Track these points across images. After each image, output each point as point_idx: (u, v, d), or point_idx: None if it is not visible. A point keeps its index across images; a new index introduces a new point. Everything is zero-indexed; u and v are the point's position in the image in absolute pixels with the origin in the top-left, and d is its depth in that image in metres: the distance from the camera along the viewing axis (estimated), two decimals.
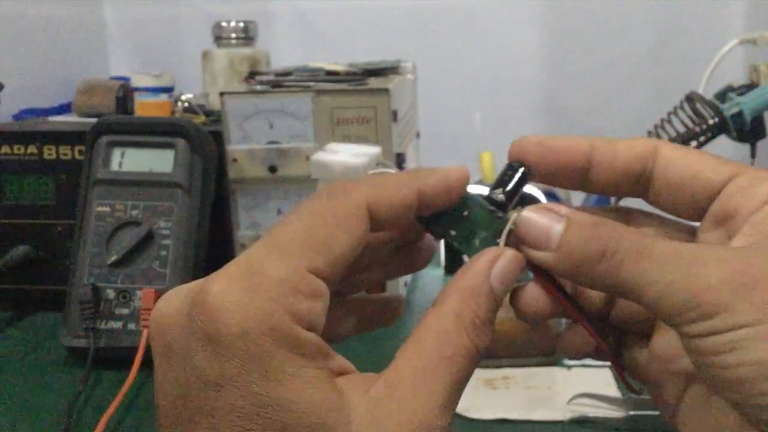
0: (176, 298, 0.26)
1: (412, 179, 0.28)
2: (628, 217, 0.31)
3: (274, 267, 0.25)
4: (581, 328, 0.30)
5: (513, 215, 0.28)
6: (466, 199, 0.29)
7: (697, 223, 0.30)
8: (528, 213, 0.28)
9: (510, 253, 0.28)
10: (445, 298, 0.27)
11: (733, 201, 0.28)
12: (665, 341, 0.29)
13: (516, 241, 0.28)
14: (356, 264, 0.27)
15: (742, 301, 0.24)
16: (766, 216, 0.27)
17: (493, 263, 0.27)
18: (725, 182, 0.29)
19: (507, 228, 0.28)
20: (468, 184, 0.29)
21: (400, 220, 0.28)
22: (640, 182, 0.30)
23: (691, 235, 0.30)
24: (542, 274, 0.29)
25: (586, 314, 0.30)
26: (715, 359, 0.24)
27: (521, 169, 0.29)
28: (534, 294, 0.29)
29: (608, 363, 0.32)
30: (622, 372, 0.31)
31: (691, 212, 0.30)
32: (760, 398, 0.24)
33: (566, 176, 0.30)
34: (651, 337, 0.30)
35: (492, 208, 0.29)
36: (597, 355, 0.31)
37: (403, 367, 0.26)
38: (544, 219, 0.27)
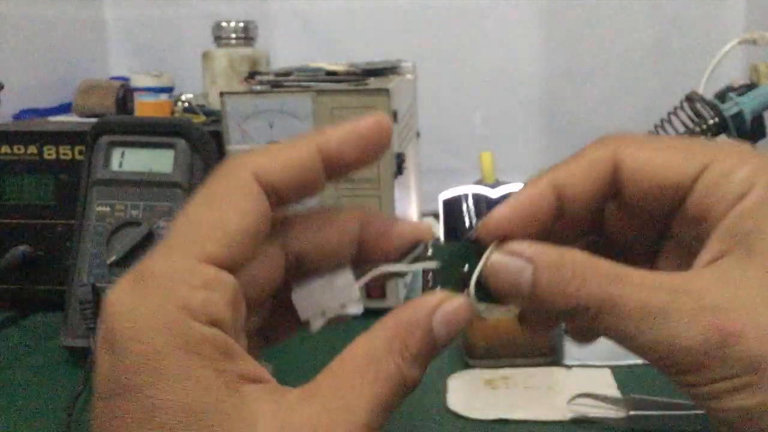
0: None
1: (309, 137, 0.27)
2: None
3: (162, 263, 0.24)
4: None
5: (480, 263, 0.27)
6: (436, 248, 0.28)
7: None
8: (495, 258, 0.26)
9: (458, 301, 0.26)
10: (379, 325, 0.26)
11: (703, 202, 0.26)
12: None
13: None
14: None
15: (713, 359, 0.24)
16: (735, 223, 0.25)
17: (438, 304, 0.26)
18: (695, 178, 0.26)
19: (474, 278, 0.27)
20: (389, 134, 0.27)
21: (305, 185, 0.27)
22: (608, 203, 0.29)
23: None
24: None
25: None
26: (702, 403, 0.25)
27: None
28: None
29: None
30: None
31: (665, 217, 0.28)
32: None
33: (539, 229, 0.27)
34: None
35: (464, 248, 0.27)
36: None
37: (324, 381, 0.24)
38: (511, 267, 0.26)
